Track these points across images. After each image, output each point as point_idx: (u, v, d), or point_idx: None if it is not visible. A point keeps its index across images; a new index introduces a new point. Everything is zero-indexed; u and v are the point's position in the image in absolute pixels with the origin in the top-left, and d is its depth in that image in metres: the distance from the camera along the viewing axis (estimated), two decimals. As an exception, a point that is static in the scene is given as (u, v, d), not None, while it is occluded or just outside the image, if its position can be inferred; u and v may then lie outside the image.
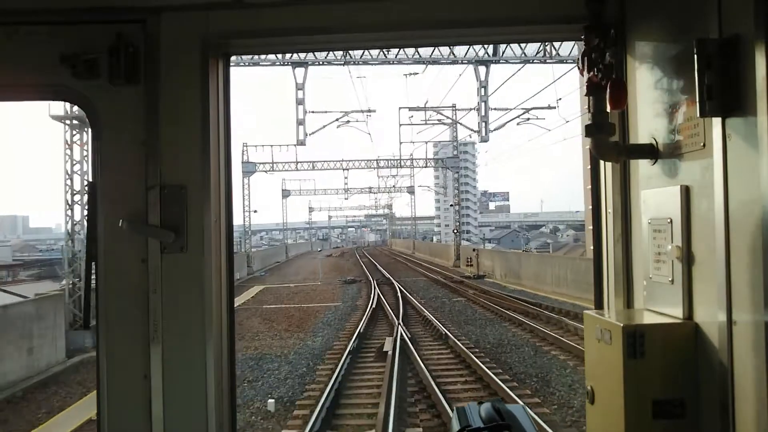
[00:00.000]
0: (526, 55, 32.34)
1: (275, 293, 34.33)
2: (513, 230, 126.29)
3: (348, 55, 32.49)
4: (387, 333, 20.11)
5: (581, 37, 2.23)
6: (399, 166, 59.36)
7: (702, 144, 1.83)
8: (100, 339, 2.37)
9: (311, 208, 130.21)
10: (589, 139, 2.21)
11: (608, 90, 2.14)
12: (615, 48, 2.23)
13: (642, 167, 2.24)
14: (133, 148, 2.36)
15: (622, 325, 1.94)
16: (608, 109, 2.18)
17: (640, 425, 1.90)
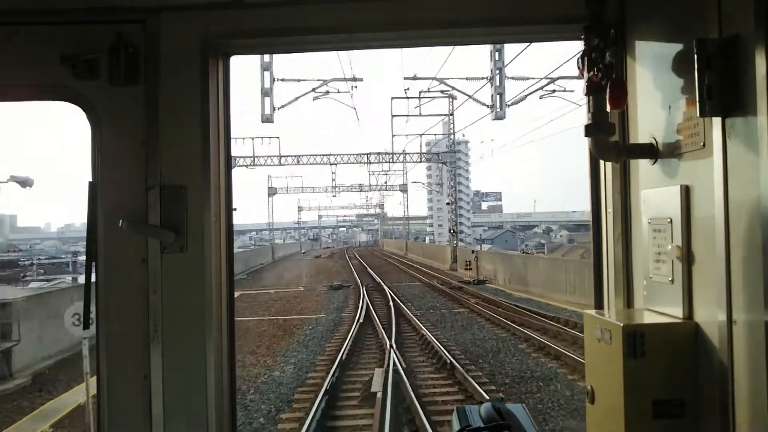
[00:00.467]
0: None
1: (252, 301, 30.38)
2: (507, 230, 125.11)
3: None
4: (376, 359, 16.20)
5: (581, 37, 2.23)
6: (391, 160, 55.44)
7: (702, 144, 1.86)
8: (100, 339, 2.40)
9: (300, 207, 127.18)
10: (589, 139, 2.24)
11: (608, 90, 2.15)
12: (615, 48, 2.24)
13: (642, 167, 2.27)
14: (133, 148, 2.39)
15: (622, 324, 1.96)
16: (608, 109, 2.19)
17: (640, 425, 1.92)
